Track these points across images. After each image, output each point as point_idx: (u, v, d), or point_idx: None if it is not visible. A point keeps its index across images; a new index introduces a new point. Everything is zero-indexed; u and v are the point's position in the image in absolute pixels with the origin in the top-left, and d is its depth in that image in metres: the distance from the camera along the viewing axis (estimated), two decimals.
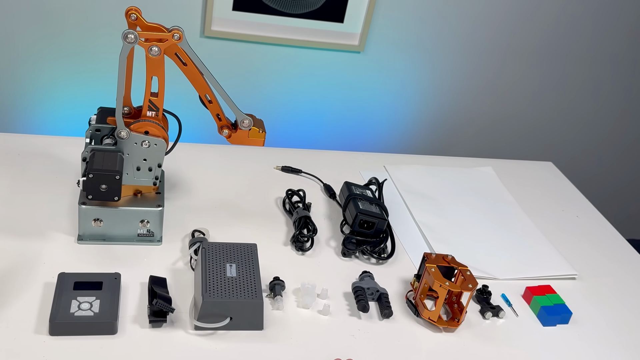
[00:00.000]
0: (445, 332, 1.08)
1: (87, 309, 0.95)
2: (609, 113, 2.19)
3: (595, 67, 2.07)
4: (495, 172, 1.60)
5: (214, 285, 0.99)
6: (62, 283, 0.99)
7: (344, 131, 2.03)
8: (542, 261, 1.29)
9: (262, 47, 1.80)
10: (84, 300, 0.97)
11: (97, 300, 0.97)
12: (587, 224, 1.47)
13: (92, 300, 0.97)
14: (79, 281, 1.00)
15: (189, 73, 1.09)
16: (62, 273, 1.01)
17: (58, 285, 0.99)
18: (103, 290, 0.99)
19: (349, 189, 1.31)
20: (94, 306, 0.96)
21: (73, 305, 0.96)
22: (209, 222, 1.23)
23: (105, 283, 1.01)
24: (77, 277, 1.01)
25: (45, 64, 1.70)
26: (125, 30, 1.01)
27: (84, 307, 0.96)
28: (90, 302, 0.97)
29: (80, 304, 0.96)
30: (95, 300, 0.97)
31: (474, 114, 2.08)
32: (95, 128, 1.13)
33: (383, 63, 1.91)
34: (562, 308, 1.15)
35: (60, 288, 0.98)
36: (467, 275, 1.09)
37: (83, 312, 0.95)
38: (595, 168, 2.32)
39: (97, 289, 0.99)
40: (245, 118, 1.14)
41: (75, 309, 0.95)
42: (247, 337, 1.00)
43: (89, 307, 0.96)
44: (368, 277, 1.14)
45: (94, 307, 0.96)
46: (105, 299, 0.98)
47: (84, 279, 1.01)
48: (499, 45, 1.95)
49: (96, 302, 0.97)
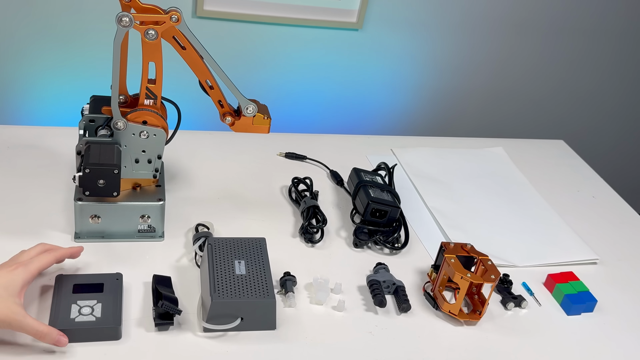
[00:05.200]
0: (466, 325, 1.03)
1: (88, 314, 0.89)
2: (617, 87, 2.14)
3: (601, 39, 2.02)
4: (506, 152, 1.54)
5: (223, 284, 0.93)
6: (60, 286, 0.93)
7: (342, 111, 1.97)
8: (561, 246, 1.24)
9: (256, 26, 1.73)
10: (84, 304, 0.91)
11: (99, 303, 0.91)
12: (604, 204, 1.42)
13: (93, 304, 0.91)
14: (79, 283, 0.94)
15: (188, 57, 1.02)
16: (59, 275, 0.95)
17: (56, 288, 0.93)
18: (104, 292, 0.93)
19: (358, 176, 1.25)
20: (95, 310, 0.90)
21: (73, 310, 0.90)
22: (212, 214, 1.17)
23: (107, 284, 0.95)
24: (76, 279, 0.95)
25: (32, 49, 1.62)
26: (119, 13, 0.94)
27: (85, 312, 0.90)
28: (92, 305, 0.91)
29: (80, 309, 0.90)
30: (97, 304, 0.91)
31: (474, 91, 2.03)
32: (89, 118, 1.07)
33: (382, 41, 1.85)
34: (586, 296, 1.10)
35: (59, 291, 0.92)
36: (488, 265, 1.04)
37: (84, 317, 0.89)
38: (605, 144, 2.27)
39: (98, 291, 0.94)
40: (249, 104, 1.07)
41: (75, 314, 0.89)
42: (260, 338, 0.94)
43: (90, 312, 0.90)
44: (383, 269, 1.09)
45: (96, 312, 0.90)
46: (107, 302, 0.92)
47: (84, 280, 0.95)
48: (499, 19, 1.89)
49: (98, 306, 0.91)
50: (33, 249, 0.94)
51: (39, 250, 0.94)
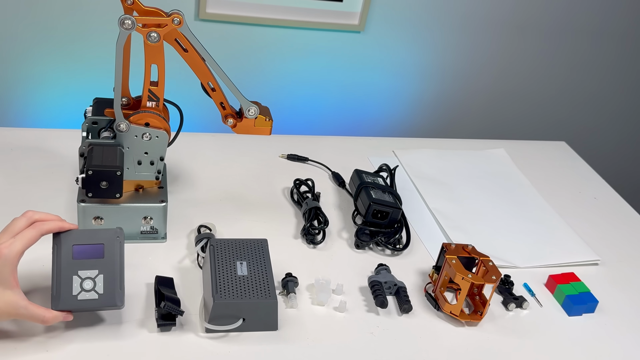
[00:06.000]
0: (467, 326, 1.03)
1: (90, 289, 0.87)
2: (618, 89, 2.14)
3: (603, 41, 2.01)
4: (508, 153, 1.54)
5: (225, 285, 0.94)
6: (59, 247, 0.89)
7: (344, 113, 1.97)
8: (563, 247, 1.24)
9: (258, 29, 1.73)
10: (86, 276, 0.88)
11: (100, 275, 0.88)
12: (606, 205, 1.42)
13: (94, 276, 0.88)
14: (78, 244, 0.90)
15: (190, 60, 1.02)
16: (57, 234, 0.90)
17: (55, 250, 0.89)
18: (105, 257, 0.90)
19: (360, 177, 1.25)
20: (97, 285, 0.88)
21: (75, 284, 0.87)
22: (214, 216, 1.17)
23: (107, 246, 0.90)
24: (74, 237, 0.90)
25: (35, 52, 1.63)
26: (121, 16, 0.94)
27: (87, 287, 0.87)
28: (93, 278, 0.88)
29: (82, 282, 0.87)
30: (98, 276, 0.88)
31: (476, 92, 2.03)
32: (92, 121, 1.07)
33: (384, 43, 1.85)
34: (587, 296, 1.11)
35: (58, 256, 0.89)
36: (489, 266, 1.04)
37: (86, 295, 0.87)
38: (607, 145, 2.26)
39: (99, 256, 0.90)
40: (251, 106, 1.08)
41: (77, 289, 0.87)
42: (261, 339, 0.95)
43: (93, 287, 0.87)
44: (384, 270, 1.09)
45: (98, 286, 0.88)
46: (108, 273, 0.88)
47: (83, 240, 0.90)
48: (501, 21, 1.89)
49: (99, 278, 0.88)
50: (21, 219, 0.88)
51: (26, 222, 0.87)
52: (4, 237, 0.85)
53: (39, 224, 0.87)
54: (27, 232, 0.85)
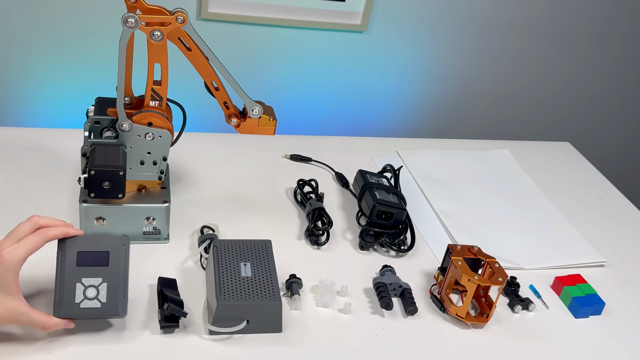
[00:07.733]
0: (473, 328, 1.02)
1: (93, 298, 0.86)
2: (621, 89, 2.13)
3: (607, 41, 2.01)
4: (512, 154, 1.53)
5: (229, 286, 0.93)
6: (63, 253, 0.88)
7: (347, 113, 1.97)
8: (568, 248, 1.23)
9: (261, 28, 1.73)
10: (89, 284, 0.86)
11: (104, 283, 0.87)
12: (611, 207, 1.41)
13: (98, 284, 0.87)
14: (83, 251, 0.88)
15: (194, 59, 1.01)
16: (62, 239, 0.89)
17: (59, 256, 0.88)
18: (110, 265, 0.88)
19: (364, 178, 1.24)
20: (100, 293, 0.86)
21: (78, 291, 0.86)
22: (217, 216, 1.16)
23: (112, 254, 0.89)
24: (79, 244, 0.89)
25: (37, 51, 1.62)
26: (124, 14, 0.93)
27: (90, 295, 0.86)
28: (97, 286, 0.87)
29: (85, 289, 0.86)
30: (102, 284, 0.87)
31: (480, 93, 2.02)
32: (94, 120, 1.06)
33: (387, 43, 1.84)
34: (594, 298, 1.09)
35: (62, 261, 0.88)
36: (495, 268, 1.03)
37: (89, 303, 0.86)
38: (612, 146, 2.26)
39: (104, 264, 0.88)
40: (254, 106, 1.07)
41: (80, 297, 0.86)
42: (265, 341, 0.94)
43: (96, 295, 0.86)
44: (389, 271, 1.08)
45: (101, 295, 0.86)
46: (112, 282, 0.87)
47: (88, 247, 0.89)
48: (504, 21, 1.89)
49: (103, 287, 0.87)
50: (26, 224, 0.86)
51: (31, 227, 0.86)
52: (8, 242, 0.83)
53: (44, 230, 0.86)
54: (31, 238, 0.84)
